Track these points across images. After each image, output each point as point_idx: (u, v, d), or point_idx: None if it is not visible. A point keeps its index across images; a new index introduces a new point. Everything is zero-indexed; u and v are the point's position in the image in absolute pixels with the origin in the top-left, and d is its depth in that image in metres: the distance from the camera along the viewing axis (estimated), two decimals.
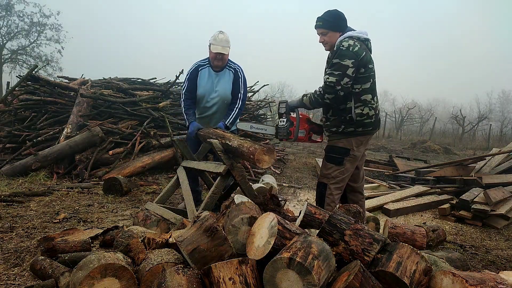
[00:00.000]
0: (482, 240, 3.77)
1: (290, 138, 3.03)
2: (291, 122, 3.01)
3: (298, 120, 3.02)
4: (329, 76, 2.80)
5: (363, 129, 2.94)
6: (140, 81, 8.52)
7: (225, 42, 3.57)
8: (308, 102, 2.95)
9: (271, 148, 2.59)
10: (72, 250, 2.41)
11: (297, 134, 3.03)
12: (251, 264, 1.69)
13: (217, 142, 3.05)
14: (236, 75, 3.76)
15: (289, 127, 3.00)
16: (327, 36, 2.95)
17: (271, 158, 2.55)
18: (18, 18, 27.20)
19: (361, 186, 3.25)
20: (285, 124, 2.99)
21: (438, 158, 11.97)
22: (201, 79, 3.70)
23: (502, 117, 32.87)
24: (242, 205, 2.18)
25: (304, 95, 3.01)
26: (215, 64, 3.66)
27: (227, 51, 3.59)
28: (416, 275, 1.74)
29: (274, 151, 2.60)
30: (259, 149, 2.52)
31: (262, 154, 2.52)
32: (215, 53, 3.57)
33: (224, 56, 3.61)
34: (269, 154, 2.54)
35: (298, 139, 3.08)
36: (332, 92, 2.80)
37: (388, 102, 44.34)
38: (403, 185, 6.16)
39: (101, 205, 4.00)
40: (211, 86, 3.70)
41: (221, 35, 3.58)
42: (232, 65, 3.78)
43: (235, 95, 3.74)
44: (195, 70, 3.72)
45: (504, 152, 6.24)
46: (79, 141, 5.31)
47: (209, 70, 3.71)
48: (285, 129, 2.99)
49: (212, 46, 3.56)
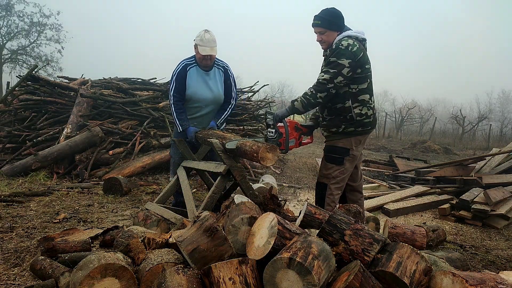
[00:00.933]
0: (482, 240, 3.77)
1: (281, 149, 2.94)
2: (279, 133, 2.91)
3: (287, 131, 2.95)
4: (324, 74, 2.79)
5: (362, 128, 2.95)
6: (140, 81, 8.52)
7: (213, 42, 3.43)
8: (300, 105, 2.88)
9: (274, 145, 2.59)
10: (72, 250, 2.41)
11: (287, 145, 2.96)
12: (251, 264, 1.69)
13: (218, 142, 3.05)
14: (226, 73, 3.66)
15: (278, 139, 2.91)
16: (324, 35, 2.92)
17: (274, 155, 2.55)
18: (18, 18, 27.18)
19: (359, 185, 3.25)
20: (274, 135, 2.90)
21: (438, 158, 11.97)
22: (190, 78, 3.53)
23: (502, 117, 32.84)
24: (242, 205, 2.18)
25: (293, 101, 2.95)
26: (203, 64, 3.52)
27: (215, 51, 3.46)
28: (416, 275, 1.74)
29: (277, 149, 2.60)
30: (262, 147, 2.52)
31: (266, 152, 2.51)
32: (203, 55, 3.43)
33: (212, 56, 3.49)
34: (272, 151, 2.54)
35: (289, 149, 3.01)
36: (324, 90, 2.79)
37: (388, 102, 44.26)
38: (403, 185, 6.16)
39: (101, 205, 4.00)
40: (203, 86, 3.56)
41: (208, 35, 3.42)
42: (220, 63, 3.65)
43: (228, 94, 3.66)
44: (183, 70, 3.53)
45: (504, 152, 6.24)
46: (79, 141, 5.31)
47: (197, 69, 3.55)
48: (274, 141, 2.90)
49: (199, 47, 3.41)
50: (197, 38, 3.44)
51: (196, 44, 3.44)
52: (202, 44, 3.40)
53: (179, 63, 3.61)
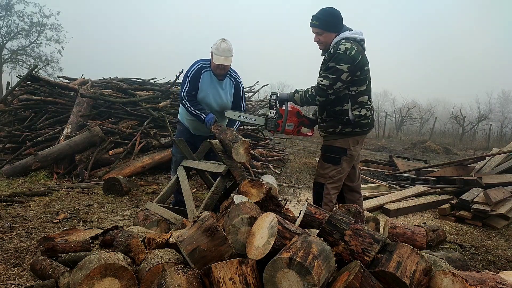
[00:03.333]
0: (482, 240, 3.77)
1: (277, 130, 3.07)
2: (279, 114, 3.04)
3: (286, 113, 3.05)
4: (323, 79, 2.80)
5: (360, 129, 2.96)
6: (140, 81, 8.53)
7: (228, 52, 3.39)
8: (299, 99, 2.97)
9: (260, 182, 2.62)
10: (72, 250, 2.41)
11: (284, 127, 3.06)
12: (251, 264, 1.69)
13: (217, 142, 3.05)
14: (237, 85, 3.68)
15: (277, 120, 3.04)
16: (322, 36, 2.91)
17: (259, 192, 2.56)
18: (18, 18, 27.18)
19: (358, 185, 3.25)
20: (274, 116, 3.04)
21: (438, 158, 11.97)
22: (203, 82, 3.52)
23: (502, 117, 32.85)
24: (242, 205, 2.18)
25: (296, 91, 3.02)
26: (217, 72, 3.52)
27: (229, 61, 3.44)
28: (416, 275, 1.74)
29: (263, 185, 2.59)
30: (246, 182, 2.59)
31: (249, 187, 2.55)
32: (217, 64, 3.41)
33: (226, 66, 3.47)
34: (257, 187, 2.56)
35: (285, 132, 3.11)
36: (324, 95, 2.83)
37: (388, 102, 44.32)
38: (403, 185, 6.16)
39: (101, 205, 4.00)
40: (215, 93, 3.56)
41: (224, 44, 3.38)
42: (232, 74, 3.66)
43: (236, 105, 3.68)
44: (197, 72, 3.52)
45: (504, 152, 6.24)
46: (79, 141, 5.31)
47: (211, 75, 3.54)
48: (273, 121, 3.04)
49: (214, 56, 3.40)
50: (214, 46, 3.42)
51: (212, 52, 3.43)
52: (217, 53, 3.38)
53: (194, 63, 3.58)
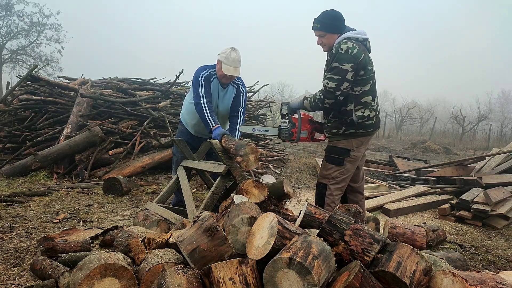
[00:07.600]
0: (482, 240, 3.77)
1: (292, 139, 3.06)
2: (293, 123, 3.04)
3: (300, 122, 3.05)
4: (328, 81, 2.79)
5: (363, 130, 2.94)
6: (140, 81, 8.53)
7: (238, 62, 3.31)
8: (309, 105, 2.98)
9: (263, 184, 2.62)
10: (72, 250, 2.41)
11: (299, 135, 3.07)
12: (251, 264, 1.69)
13: (217, 142, 3.05)
14: (238, 90, 3.62)
15: (291, 129, 3.04)
16: (324, 38, 2.92)
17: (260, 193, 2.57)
18: (18, 18, 27.22)
19: (361, 186, 3.25)
20: (287, 125, 3.04)
21: (438, 158, 11.97)
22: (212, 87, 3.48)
23: (502, 117, 32.83)
24: (242, 205, 2.17)
25: (305, 98, 3.03)
26: (222, 81, 3.46)
27: (238, 72, 3.34)
28: (416, 275, 1.74)
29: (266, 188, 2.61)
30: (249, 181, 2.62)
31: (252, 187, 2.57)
32: (225, 74, 3.32)
33: (234, 77, 3.40)
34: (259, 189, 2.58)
35: (300, 140, 3.11)
36: (332, 97, 2.81)
37: (388, 102, 44.32)
38: (403, 185, 6.16)
39: (101, 205, 4.00)
40: (219, 100, 3.54)
41: (234, 54, 3.28)
42: (236, 81, 3.60)
43: (234, 109, 3.61)
44: (209, 76, 3.43)
45: (504, 152, 6.24)
46: (79, 141, 5.31)
47: (217, 82, 3.49)
48: (287, 130, 3.04)
49: (223, 65, 3.29)
50: (222, 55, 3.31)
51: (220, 60, 3.33)
52: (227, 62, 3.28)
53: (203, 67, 3.49)
